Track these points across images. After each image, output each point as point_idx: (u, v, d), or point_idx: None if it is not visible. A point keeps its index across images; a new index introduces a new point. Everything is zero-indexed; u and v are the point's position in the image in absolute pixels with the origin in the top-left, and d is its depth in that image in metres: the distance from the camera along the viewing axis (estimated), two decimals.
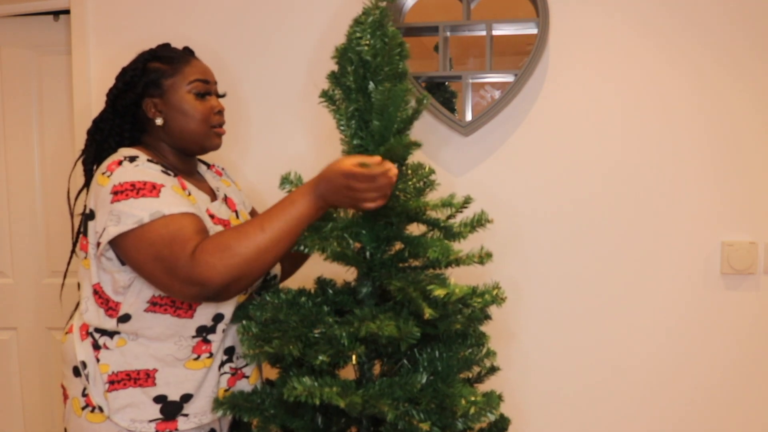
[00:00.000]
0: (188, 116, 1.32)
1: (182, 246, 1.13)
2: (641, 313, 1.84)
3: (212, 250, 1.13)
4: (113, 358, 1.25)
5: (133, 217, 1.15)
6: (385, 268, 1.24)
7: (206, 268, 1.12)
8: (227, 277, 1.13)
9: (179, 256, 1.13)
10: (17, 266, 2.24)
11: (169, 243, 1.14)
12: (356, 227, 1.22)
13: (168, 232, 1.14)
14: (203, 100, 1.34)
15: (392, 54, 1.22)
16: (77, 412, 1.27)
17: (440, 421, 1.12)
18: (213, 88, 1.37)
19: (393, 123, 1.20)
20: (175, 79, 1.32)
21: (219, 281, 1.12)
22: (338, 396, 1.07)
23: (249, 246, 1.14)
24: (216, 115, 1.35)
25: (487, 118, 1.82)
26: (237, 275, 1.13)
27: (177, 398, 1.26)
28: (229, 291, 1.15)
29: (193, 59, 1.36)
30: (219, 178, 1.50)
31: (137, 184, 1.18)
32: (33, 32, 2.17)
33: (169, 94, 1.32)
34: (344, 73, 1.24)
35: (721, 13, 1.75)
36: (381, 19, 1.22)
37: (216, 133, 1.36)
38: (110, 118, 1.35)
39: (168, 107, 1.32)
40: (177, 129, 1.33)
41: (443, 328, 1.20)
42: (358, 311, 1.18)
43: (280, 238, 1.16)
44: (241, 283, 1.15)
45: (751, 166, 1.77)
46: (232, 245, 1.14)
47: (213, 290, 1.13)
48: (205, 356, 1.28)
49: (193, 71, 1.33)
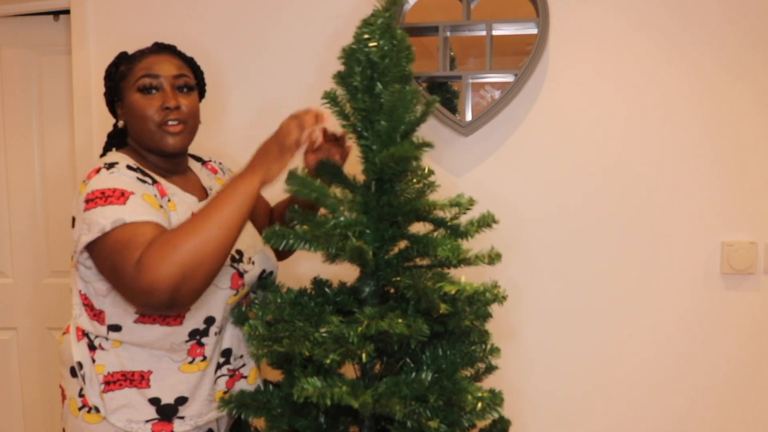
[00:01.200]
0: (135, 116, 1.26)
1: (131, 254, 1.07)
2: (641, 312, 1.84)
3: (154, 252, 1.05)
4: (109, 359, 1.25)
5: (97, 225, 1.12)
6: (390, 268, 1.24)
7: (150, 272, 1.04)
8: (173, 277, 1.04)
9: (126, 265, 1.07)
10: (17, 266, 2.24)
11: (120, 251, 1.08)
12: (360, 226, 1.22)
13: (122, 239, 1.09)
14: (150, 95, 1.26)
15: (400, 56, 1.23)
16: (74, 412, 1.27)
17: (447, 418, 1.12)
18: (170, 82, 1.27)
19: (401, 124, 1.20)
20: (128, 79, 1.28)
21: (165, 283, 1.04)
22: (349, 396, 1.07)
23: (192, 237, 1.06)
24: (162, 111, 1.25)
25: (487, 118, 1.82)
26: (183, 272, 1.05)
27: (171, 401, 1.26)
28: (180, 294, 1.06)
29: (148, 55, 1.28)
30: (214, 176, 1.48)
31: (107, 191, 1.15)
32: (33, 32, 2.17)
33: (125, 95, 1.28)
34: (351, 73, 1.24)
35: (721, 13, 1.76)
36: (390, 21, 1.23)
37: (167, 132, 1.26)
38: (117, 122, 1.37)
39: (125, 110, 1.30)
40: (134, 132, 1.29)
41: (452, 325, 1.21)
42: (368, 309, 1.18)
43: (225, 220, 1.09)
44: (192, 281, 1.06)
45: (751, 166, 1.77)
46: (174, 241, 1.06)
47: (163, 295, 1.05)
48: (200, 359, 1.28)
49: (141, 67, 1.26)
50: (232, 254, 1.29)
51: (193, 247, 1.06)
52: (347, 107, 1.26)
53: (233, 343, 1.34)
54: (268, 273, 1.40)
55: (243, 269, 1.31)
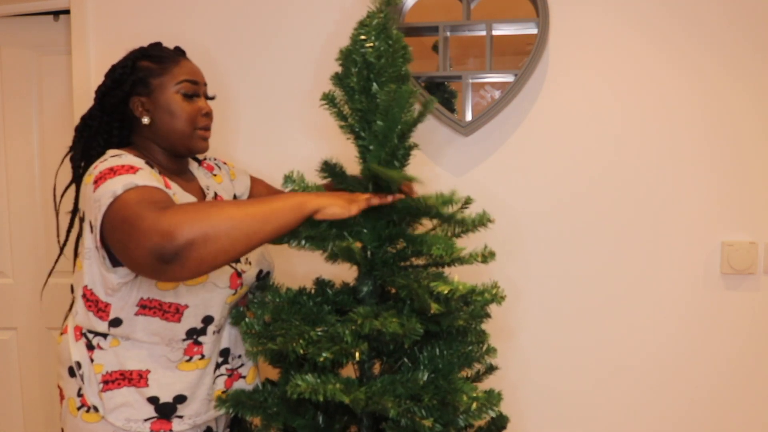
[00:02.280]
0: (175, 116, 1.31)
1: (152, 204, 1.07)
2: (641, 313, 1.84)
3: (186, 209, 1.06)
4: (107, 358, 1.25)
5: (108, 193, 1.11)
6: (387, 267, 1.25)
7: (175, 219, 1.03)
8: (193, 233, 1.03)
9: (146, 213, 1.05)
10: (17, 266, 2.24)
11: (137, 203, 1.08)
12: (357, 226, 1.22)
13: (138, 196, 1.09)
14: (191, 101, 1.32)
15: (396, 56, 1.23)
16: (73, 412, 1.27)
17: (442, 418, 1.12)
18: (202, 90, 1.36)
19: (397, 124, 1.21)
20: (163, 78, 1.31)
21: (185, 234, 1.02)
22: (342, 392, 1.08)
23: (222, 216, 1.06)
24: (203, 117, 1.34)
25: (487, 118, 1.82)
26: (203, 236, 1.04)
27: (170, 399, 1.26)
28: (190, 252, 1.04)
29: (182, 59, 1.35)
30: (210, 174, 1.49)
31: (115, 167, 1.16)
32: (33, 32, 2.17)
33: (157, 93, 1.30)
34: (348, 74, 1.25)
35: (721, 14, 1.76)
36: (385, 21, 1.24)
37: (201, 136, 1.34)
38: (98, 116, 1.33)
39: (155, 106, 1.31)
40: (163, 129, 1.31)
41: (446, 324, 1.21)
42: (361, 309, 1.18)
43: (253, 218, 1.08)
44: (205, 249, 1.04)
45: (751, 166, 1.77)
46: (207, 211, 1.06)
47: (176, 243, 1.02)
48: (197, 358, 1.28)
49: (182, 71, 1.32)
50: None
51: (220, 222, 1.06)
52: (345, 108, 1.27)
53: (231, 342, 1.34)
54: (265, 273, 1.41)
55: (241, 269, 1.32)
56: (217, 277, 1.26)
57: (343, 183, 1.31)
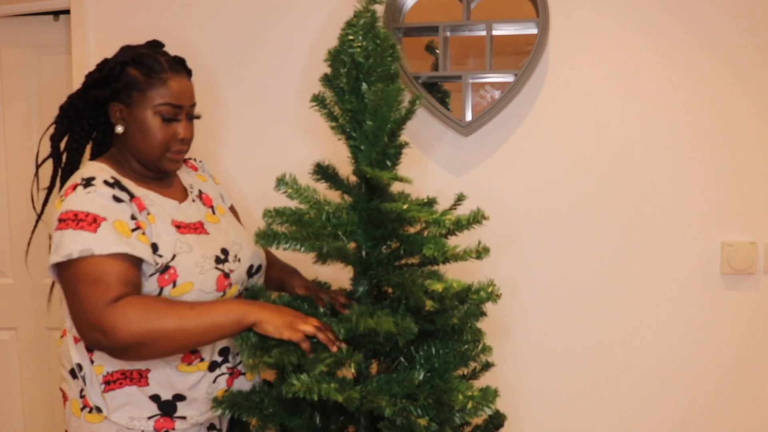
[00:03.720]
0: (147, 137, 1.27)
1: (103, 291, 1.12)
2: (641, 313, 1.84)
3: (136, 307, 1.12)
4: (107, 359, 1.25)
5: (65, 249, 1.14)
6: (382, 267, 1.25)
7: (122, 318, 1.10)
8: (135, 338, 1.11)
9: (97, 300, 1.11)
10: (17, 266, 2.24)
11: (91, 283, 1.13)
12: (351, 226, 1.22)
13: (93, 272, 1.13)
14: (168, 124, 1.27)
15: (384, 55, 1.23)
16: (76, 413, 1.28)
17: (438, 417, 1.13)
18: (185, 112, 1.30)
19: (386, 123, 1.21)
20: (146, 94, 1.25)
21: (125, 338, 1.11)
22: (336, 391, 1.08)
23: (173, 321, 1.13)
24: (177, 142, 1.29)
25: (487, 118, 1.82)
26: (145, 340, 1.12)
27: (170, 398, 1.27)
28: (128, 352, 1.13)
29: (173, 77, 1.27)
30: (194, 173, 1.47)
31: (80, 214, 1.16)
32: (33, 32, 2.17)
33: (136, 107, 1.26)
34: (337, 75, 1.25)
35: (720, 13, 1.75)
36: (372, 21, 1.24)
37: (171, 159, 1.30)
38: (81, 104, 1.32)
39: (131, 119, 1.27)
40: (134, 144, 1.28)
41: (440, 323, 1.21)
42: (356, 307, 1.19)
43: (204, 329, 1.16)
44: (144, 351, 1.13)
45: (751, 166, 1.77)
46: (158, 312, 1.13)
47: (115, 344, 1.11)
48: (197, 361, 1.28)
49: (166, 92, 1.26)
50: (217, 255, 1.29)
51: (169, 328, 1.13)
52: (336, 109, 1.27)
53: (230, 341, 1.34)
54: (257, 267, 1.41)
55: (229, 269, 1.30)
56: (203, 282, 1.25)
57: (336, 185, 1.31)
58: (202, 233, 1.31)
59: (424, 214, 1.17)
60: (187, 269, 1.23)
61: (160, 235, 1.23)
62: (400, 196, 1.27)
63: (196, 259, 1.25)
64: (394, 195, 1.28)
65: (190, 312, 1.15)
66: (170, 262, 1.22)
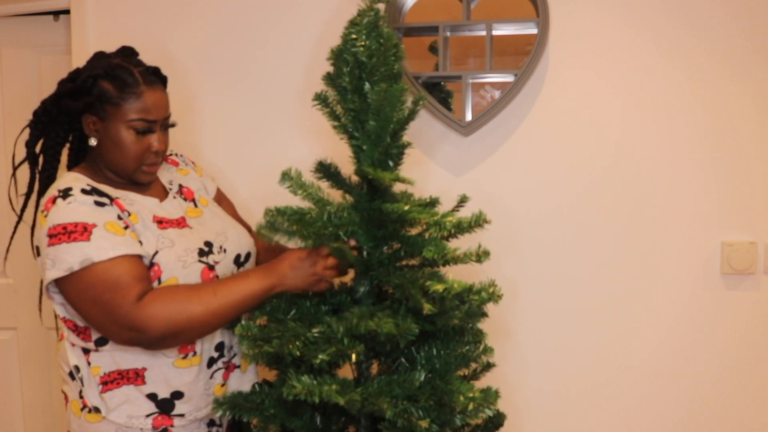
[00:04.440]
0: (121, 151, 1.26)
1: (125, 292, 1.15)
2: (641, 313, 1.84)
3: (161, 301, 1.16)
4: (103, 360, 1.26)
5: (64, 263, 1.16)
6: (383, 267, 1.24)
7: (149, 316, 1.15)
8: (167, 330, 1.16)
9: (121, 302, 1.15)
10: (17, 266, 2.24)
11: (110, 288, 1.15)
12: (352, 226, 1.22)
13: (109, 278, 1.16)
14: (143, 136, 1.26)
15: (387, 55, 1.23)
16: (77, 413, 1.30)
17: (439, 418, 1.12)
18: (159, 124, 1.28)
19: (389, 123, 1.20)
20: (119, 108, 1.23)
21: (159, 331, 1.16)
22: (337, 393, 1.08)
23: (198, 307, 1.18)
24: (151, 154, 1.28)
25: (487, 118, 1.82)
26: (177, 331, 1.17)
27: (168, 395, 1.27)
28: (164, 343, 1.19)
29: (147, 90, 1.25)
30: (175, 168, 1.46)
31: (69, 226, 1.17)
32: (33, 32, 2.17)
33: (109, 121, 1.25)
34: (340, 74, 1.25)
35: (721, 13, 1.75)
36: (376, 20, 1.23)
37: (145, 171, 1.29)
38: (55, 110, 1.31)
39: (105, 133, 1.26)
40: (108, 157, 1.28)
41: (441, 324, 1.21)
42: (357, 309, 1.18)
43: (229, 307, 1.20)
44: (178, 339, 1.20)
45: (751, 166, 1.77)
46: (182, 302, 1.17)
47: (150, 339, 1.17)
48: (191, 355, 1.29)
49: (139, 107, 1.24)
50: (200, 247, 1.30)
51: (195, 315, 1.18)
52: (338, 108, 1.26)
53: (225, 336, 1.35)
54: (245, 255, 1.40)
55: (213, 261, 1.30)
56: (187, 277, 1.26)
57: (338, 184, 1.31)
58: (185, 227, 1.31)
59: (425, 216, 1.17)
60: (170, 264, 1.23)
61: (143, 232, 1.24)
62: (402, 197, 1.27)
63: (178, 253, 1.25)
64: (396, 195, 1.27)
65: (213, 298, 1.19)
66: (153, 258, 1.22)
